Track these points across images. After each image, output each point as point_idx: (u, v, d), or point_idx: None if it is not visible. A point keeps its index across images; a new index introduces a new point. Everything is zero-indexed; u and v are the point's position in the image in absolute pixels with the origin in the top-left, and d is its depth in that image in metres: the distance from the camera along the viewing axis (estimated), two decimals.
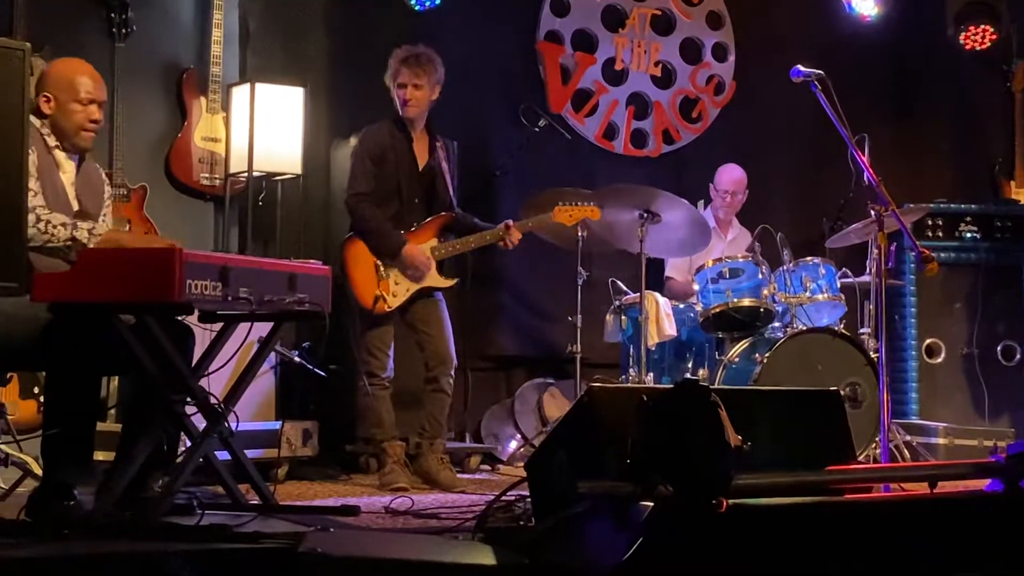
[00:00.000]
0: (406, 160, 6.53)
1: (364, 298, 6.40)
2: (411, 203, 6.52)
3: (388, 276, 6.42)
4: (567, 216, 6.68)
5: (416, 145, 6.57)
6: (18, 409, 6.05)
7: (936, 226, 8.34)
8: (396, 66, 6.48)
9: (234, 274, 4.59)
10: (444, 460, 6.55)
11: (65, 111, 4.89)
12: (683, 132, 8.85)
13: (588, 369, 7.41)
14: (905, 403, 8.16)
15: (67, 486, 4.44)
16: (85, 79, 4.92)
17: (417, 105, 6.47)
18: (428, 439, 6.53)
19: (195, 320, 5.09)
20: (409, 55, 6.48)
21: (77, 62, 5.00)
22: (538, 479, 4.19)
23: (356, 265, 6.43)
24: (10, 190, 4.09)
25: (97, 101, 4.94)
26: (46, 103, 4.88)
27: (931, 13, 9.36)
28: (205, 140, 7.31)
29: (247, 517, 4.68)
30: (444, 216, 6.56)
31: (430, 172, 6.57)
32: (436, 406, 6.54)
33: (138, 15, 7.08)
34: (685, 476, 3.51)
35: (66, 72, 4.94)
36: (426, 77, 6.45)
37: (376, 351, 6.47)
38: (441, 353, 6.51)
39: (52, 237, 4.57)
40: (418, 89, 6.45)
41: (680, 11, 8.87)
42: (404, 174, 6.51)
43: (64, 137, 4.90)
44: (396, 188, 6.50)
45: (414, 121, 6.53)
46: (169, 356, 4.68)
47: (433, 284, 6.50)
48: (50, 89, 4.89)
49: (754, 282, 7.16)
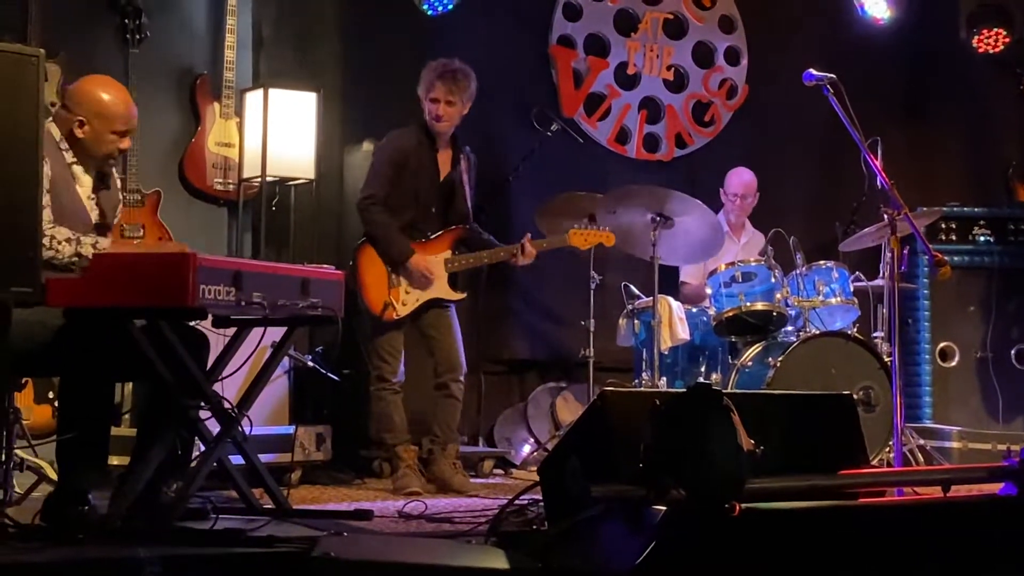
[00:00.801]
0: (428, 168, 6.54)
1: (374, 304, 6.42)
2: (427, 211, 6.54)
3: (399, 284, 6.43)
4: (582, 240, 6.70)
5: (440, 155, 6.58)
6: (33, 414, 6.07)
7: (949, 229, 8.33)
8: (430, 80, 6.47)
9: (247, 279, 4.60)
10: (457, 465, 6.56)
11: (100, 140, 4.83)
12: (696, 136, 8.85)
13: (601, 373, 7.42)
14: (919, 407, 8.14)
15: (82, 491, 4.45)
16: (122, 110, 4.85)
17: (449, 120, 6.49)
18: (440, 445, 6.54)
19: (209, 325, 5.10)
20: (445, 71, 6.46)
21: (113, 87, 4.92)
22: (551, 483, 4.19)
23: (368, 271, 6.44)
24: (25, 197, 4.12)
25: (131, 132, 4.92)
26: (79, 127, 4.80)
27: (944, 16, 9.34)
28: (219, 145, 7.33)
29: (261, 521, 4.69)
30: (459, 229, 6.57)
31: (450, 183, 6.59)
32: (447, 412, 6.55)
33: (152, 21, 7.10)
34: (698, 480, 3.51)
35: (103, 99, 4.84)
36: (460, 94, 6.46)
37: (387, 355, 6.49)
38: (450, 359, 6.52)
39: (57, 253, 4.55)
40: (451, 106, 6.46)
41: (692, 15, 8.87)
42: (424, 182, 6.52)
43: (88, 158, 4.87)
44: (414, 195, 6.50)
45: (443, 133, 6.55)
46: (183, 361, 4.70)
47: (443, 296, 6.51)
48: (84, 113, 4.81)
49: (767, 286, 7.15)
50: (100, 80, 4.98)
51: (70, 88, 5.00)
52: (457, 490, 6.31)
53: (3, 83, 4.07)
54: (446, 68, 6.48)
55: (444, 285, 6.50)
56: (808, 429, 4.37)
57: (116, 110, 4.84)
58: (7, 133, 4.07)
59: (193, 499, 4.81)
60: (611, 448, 3.87)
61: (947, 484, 4.18)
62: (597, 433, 3.98)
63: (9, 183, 4.07)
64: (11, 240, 4.05)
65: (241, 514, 4.97)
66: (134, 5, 7.02)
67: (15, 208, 4.08)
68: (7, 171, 4.06)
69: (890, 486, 4.84)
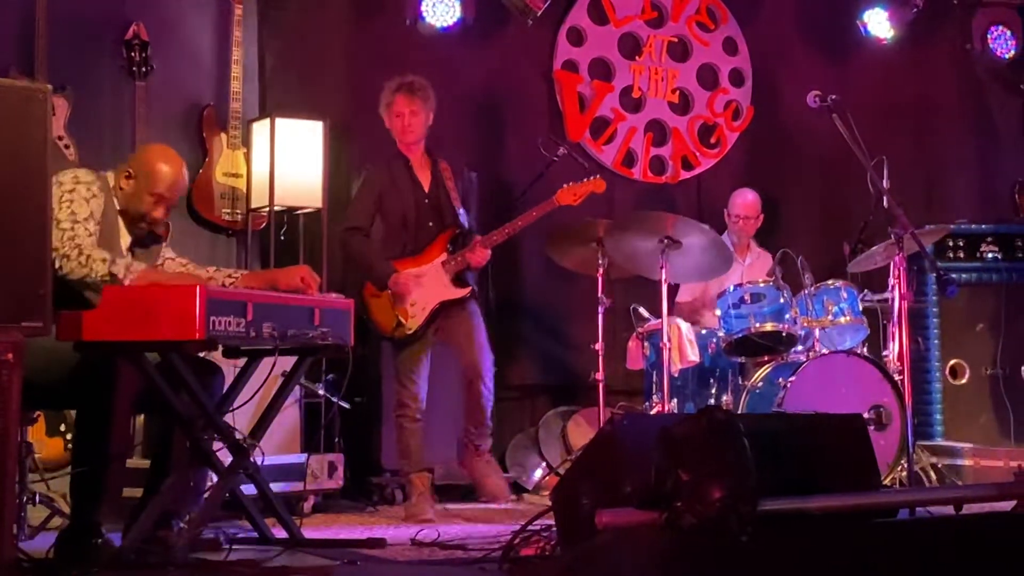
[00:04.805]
0: (410, 188, 6.62)
1: (384, 327, 6.48)
2: (425, 228, 6.61)
3: (402, 302, 6.46)
4: (571, 196, 6.74)
5: (419, 173, 6.66)
6: (45, 447, 6.08)
7: (957, 247, 8.30)
8: (389, 96, 6.62)
9: (257, 309, 4.62)
10: (491, 463, 6.67)
11: (138, 196, 4.95)
12: (702, 158, 8.86)
13: (612, 396, 7.42)
14: (930, 425, 8.11)
15: (95, 524, 4.47)
16: (169, 178, 4.97)
17: (415, 131, 6.60)
18: (473, 442, 6.61)
19: (219, 356, 5.12)
20: (401, 83, 6.62)
21: (173, 159, 5.05)
22: (563, 508, 4.19)
23: (372, 300, 6.53)
24: (34, 231, 4.14)
25: (167, 202, 5.00)
26: (126, 179, 4.96)
27: (947, 34, 9.37)
28: (226, 176, 7.36)
29: (274, 552, 4.70)
30: (448, 231, 6.63)
31: (436, 196, 6.65)
32: (477, 408, 6.59)
33: (158, 54, 7.12)
34: (708, 504, 3.50)
35: (156, 161, 5.00)
36: (421, 103, 6.59)
37: (405, 379, 6.52)
38: (474, 363, 6.58)
39: (91, 271, 4.61)
40: (415, 115, 6.59)
41: (696, 37, 8.89)
42: (409, 202, 6.60)
43: (125, 212, 4.97)
44: (403, 220, 6.59)
45: (412, 147, 6.64)
46: (195, 394, 4.71)
47: (447, 297, 6.55)
48: (135, 168, 4.97)
49: (776, 306, 7.15)
50: (164, 150, 5.15)
51: (140, 147, 5.15)
52: (490, 494, 6.33)
53: (10, 119, 4.10)
54: (402, 81, 6.63)
55: (447, 286, 6.55)
56: (819, 450, 4.36)
57: (163, 175, 4.96)
58: (15, 168, 4.10)
59: (206, 530, 4.82)
60: (622, 473, 3.87)
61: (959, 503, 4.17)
62: (608, 458, 3.98)
63: (17, 218, 4.10)
64: (21, 274, 4.07)
65: (255, 544, 4.99)
66: (140, 38, 7.04)
67: (23, 242, 4.11)
68: (15, 206, 4.09)
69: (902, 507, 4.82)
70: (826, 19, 9.20)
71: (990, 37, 9.33)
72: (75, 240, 4.62)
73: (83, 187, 4.75)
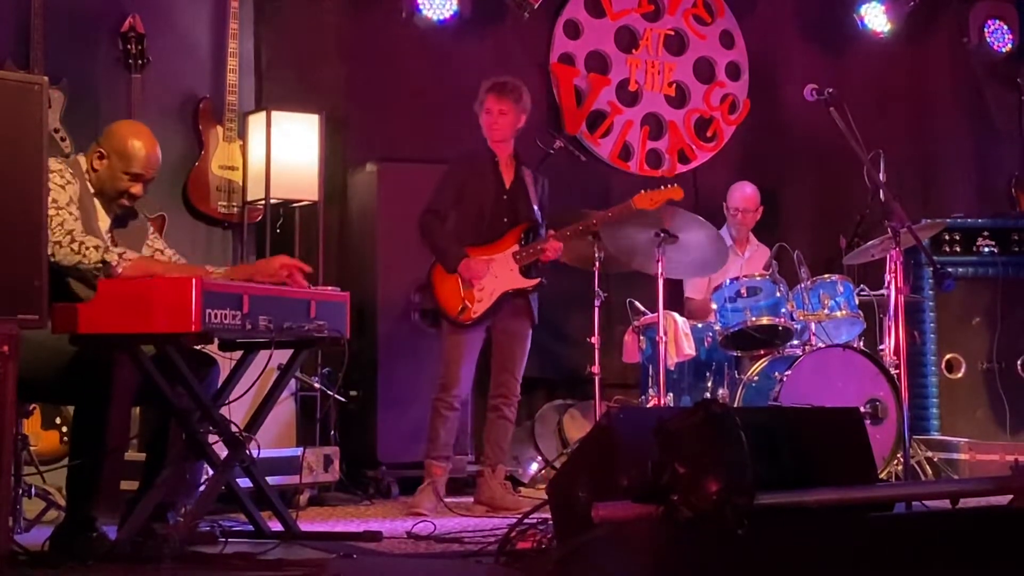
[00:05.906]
0: (492, 183, 6.69)
1: (450, 309, 6.54)
2: (500, 223, 6.68)
3: (471, 286, 6.52)
4: (649, 201, 6.75)
5: (503, 169, 6.74)
6: (40, 440, 6.08)
7: (953, 241, 8.30)
8: (482, 94, 6.70)
9: (253, 302, 4.62)
10: (506, 485, 6.70)
11: (112, 175, 4.89)
12: (698, 151, 8.86)
13: (608, 390, 7.42)
14: (926, 419, 8.12)
15: (90, 518, 4.46)
16: (142, 155, 4.90)
17: (501, 130, 6.67)
18: (490, 466, 6.64)
19: (215, 348, 5.11)
20: (494, 83, 6.70)
21: (143, 135, 4.98)
22: (559, 501, 4.19)
23: (442, 282, 6.57)
24: (30, 224, 4.14)
25: (144, 179, 4.95)
26: (98, 159, 4.89)
27: (944, 28, 9.37)
28: (222, 168, 7.35)
29: (270, 545, 4.71)
30: (524, 223, 6.70)
31: (515, 191, 6.72)
32: (498, 433, 6.66)
33: (154, 46, 7.10)
34: (705, 498, 3.50)
35: (127, 139, 4.92)
36: (511, 104, 6.65)
37: (450, 362, 6.56)
38: (506, 383, 6.66)
39: (84, 258, 4.57)
40: (503, 115, 6.65)
41: (693, 31, 8.89)
42: (490, 196, 6.67)
43: (101, 193, 4.91)
44: (480, 212, 6.66)
45: (500, 146, 6.71)
46: (191, 386, 4.71)
47: (516, 286, 6.61)
48: (107, 148, 4.90)
49: (772, 300, 7.15)
50: (134, 125, 5.13)
51: (107, 127, 5.07)
52: (510, 508, 6.35)
53: (7, 111, 4.10)
54: (495, 81, 6.72)
55: (516, 275, 6.61)
56: (816, 444, 4.36)
57: (136, 153, 4.89)
58: (11, 161, 4.10)
59: (202, 523, 4.81)
60: (618, 466, 3.87)
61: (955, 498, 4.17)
62: (603, 451, 3.98)
63: (13, 210, 4.09)
64: (16, 266, 4.07)
65: (250, 538, 4.99)
66: (136, 30, 7.02)
67: (20, 235, 4.10)
68: (11, 198, 4.09)
69: (899, 500, 4.82)
70: (823, 12, 9.21)
71: (987, 31, 9.36)
72: (64, 226, 4.58)
73: (56, 175, 4.68)
